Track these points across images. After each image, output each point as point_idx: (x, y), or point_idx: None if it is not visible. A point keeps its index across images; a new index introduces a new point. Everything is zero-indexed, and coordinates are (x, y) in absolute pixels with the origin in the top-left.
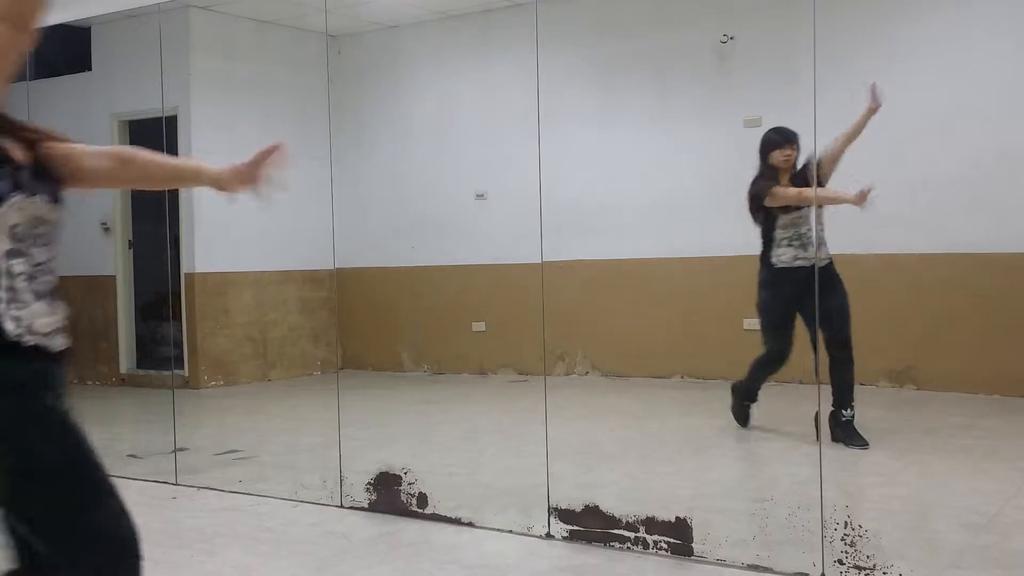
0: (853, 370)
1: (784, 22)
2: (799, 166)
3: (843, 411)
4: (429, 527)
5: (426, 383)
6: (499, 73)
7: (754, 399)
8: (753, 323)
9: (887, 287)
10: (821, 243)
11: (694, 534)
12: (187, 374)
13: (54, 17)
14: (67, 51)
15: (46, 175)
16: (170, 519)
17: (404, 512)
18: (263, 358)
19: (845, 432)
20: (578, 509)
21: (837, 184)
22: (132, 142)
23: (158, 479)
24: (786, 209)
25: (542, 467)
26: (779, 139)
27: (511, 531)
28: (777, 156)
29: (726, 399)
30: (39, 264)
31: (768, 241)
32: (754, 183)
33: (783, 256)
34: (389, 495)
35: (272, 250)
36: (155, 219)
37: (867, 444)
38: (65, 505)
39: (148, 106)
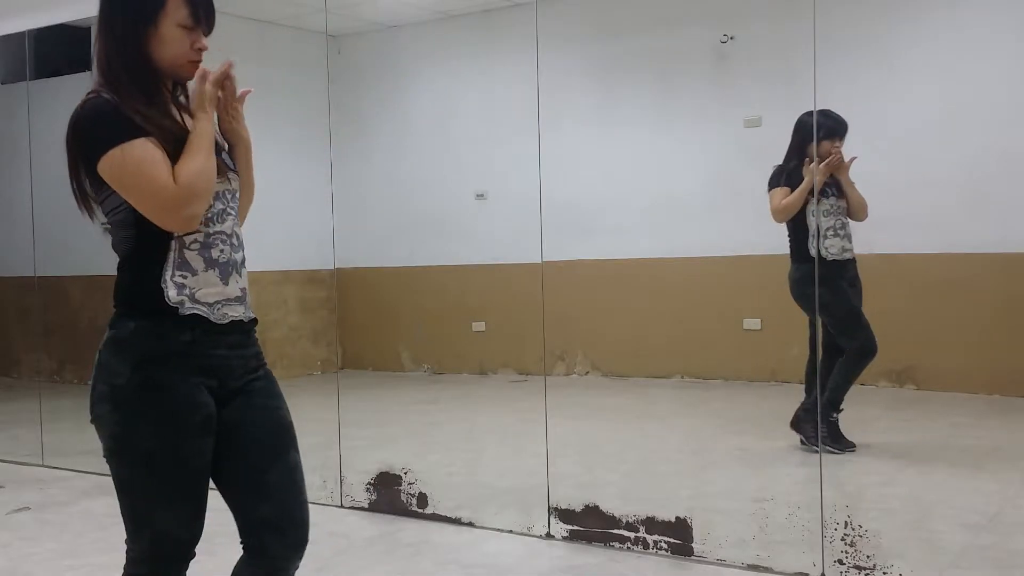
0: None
1: (784, 22)
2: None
3: (833, 413)
4: (429, 527)
5: (426, 383)
6: (499, 73)
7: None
8: (753, 323)
9: (887, 287)
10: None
11: (694, 534)
12: None
13: (54, 17)
14: (67, 51)
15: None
16: None
17: (404, 512)
18: None
19: (831, 434)
20: (578, 509)
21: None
22: None
23: None
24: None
25: (542, 467)
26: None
27: (511, 531)
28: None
29: (726, 399)
30: (214, 233)
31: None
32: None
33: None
34: (389, 495)
35: (272, 250)
36: None
37: (854, 446)
38: (130, 498)
39: None
